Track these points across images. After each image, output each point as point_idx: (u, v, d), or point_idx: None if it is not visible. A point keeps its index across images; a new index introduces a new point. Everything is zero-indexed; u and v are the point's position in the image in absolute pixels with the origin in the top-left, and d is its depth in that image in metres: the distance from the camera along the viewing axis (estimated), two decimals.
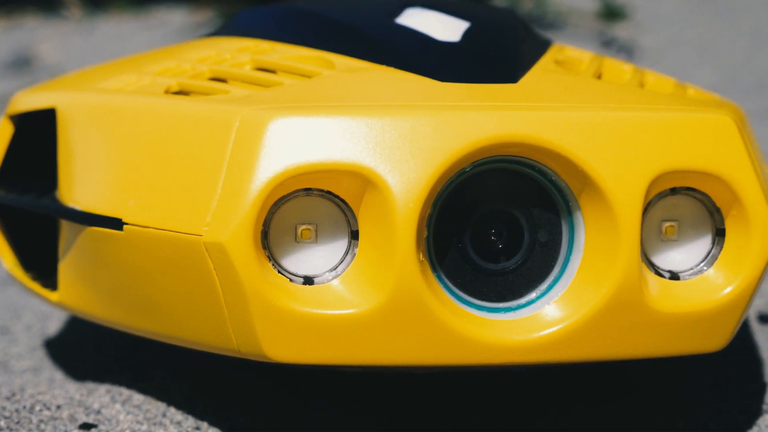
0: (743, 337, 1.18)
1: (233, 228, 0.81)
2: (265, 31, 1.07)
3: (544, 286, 0.87)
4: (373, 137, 0.82)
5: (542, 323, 0.85)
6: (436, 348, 0.83)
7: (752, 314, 1.26)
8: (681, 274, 0.88)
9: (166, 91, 0.94)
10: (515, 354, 0.84)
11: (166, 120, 0.89)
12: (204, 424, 0.98)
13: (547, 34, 2.64)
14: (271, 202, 0.82)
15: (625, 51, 2.68)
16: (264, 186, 0.81)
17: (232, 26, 1.14)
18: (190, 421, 0.98)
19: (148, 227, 0.87)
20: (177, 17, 3.15)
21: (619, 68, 1.04)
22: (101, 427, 0.97)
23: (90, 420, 0.98)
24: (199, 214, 0.83)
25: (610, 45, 2.72)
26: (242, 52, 1.01)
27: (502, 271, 0.87)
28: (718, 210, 0.88)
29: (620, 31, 2.84)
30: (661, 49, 2.70)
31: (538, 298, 0.86)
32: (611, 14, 2.86)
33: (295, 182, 0.82)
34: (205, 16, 3.05)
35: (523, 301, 0.87)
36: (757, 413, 1.01)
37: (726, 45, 2.70)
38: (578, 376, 1.08)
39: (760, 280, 0.88)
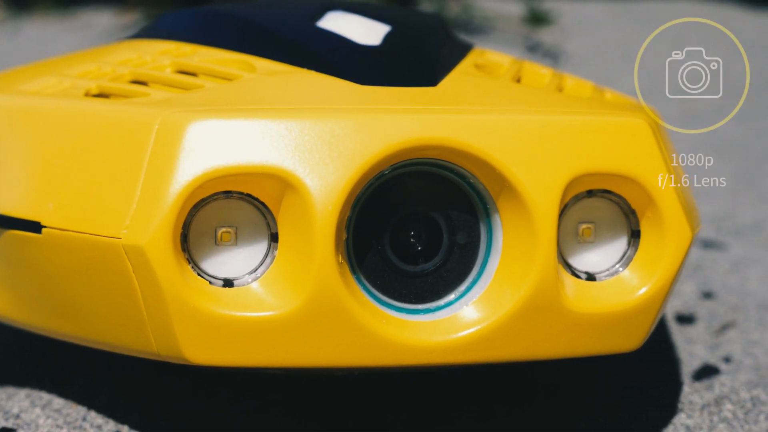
0: (661, 338, 1.20)
1: (152, 231, 0.81)
2: (187, 34, 1.07)
3: (462, 288, 0.87)
4: (292, 140, 0.82)
5: (461, 324, 0.85)
6: (356, 349, 0.83)
7: (670, 315, 1.28)
8: (597, 275, 0.90)
9: (86, 94, 0.94)
10: (434, 355, 0.85)
11: (85, 123, 0.89)
12: (125, 428, 0.98)
13: (474, 39, 2.66)
14: (191, 205, 0.82)
15: (551, 56, 2.71)
16: (183, 189, 0.81)
17: (154, 29, 1.14)
18: (110, 425, 0.98)
19: (67, 230, 0.86)
20: (103, 19, 3.13)
21: (538, 72, 1.05)
22: (20, 431, 0.96)
23: (9, 425, 0.97)
24: (118, 217, 0.83)
25: (535, 50, 2.75)
26: (163, 55, 1.01)
27: (421, 273, 0.87)
28: (633, 212, 0.89)
29: (546, 36, 2.87)
30: (585, 54, 2.73)
31: (456, 299, 0.87)
32: (537, 19, 2.88)
33: (215, 185, 0.83)
34: (132, 18, 3.04)
35: (441, 302, 0.87)
36: (673, 411, 1.03)
37: (647, 51, 2.74)
38: (500, 376, 1.09)
39: (674, 281, 0.89)
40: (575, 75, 1.18)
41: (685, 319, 1.27)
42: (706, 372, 1.11)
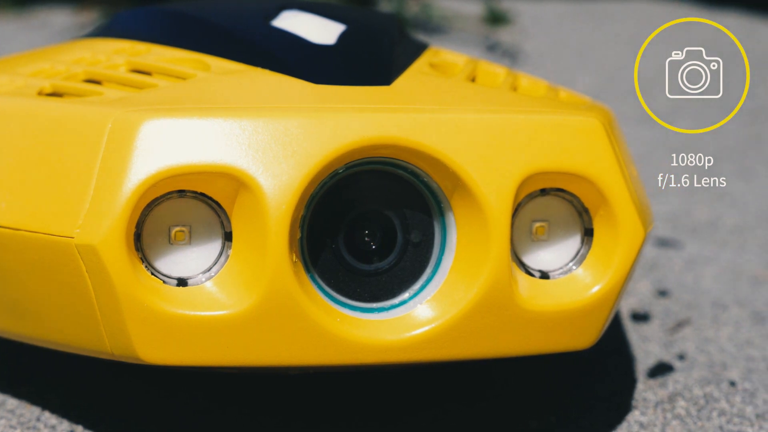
0: (616, 335, 1.20)
1: (105, 230, 0.81)
2: (142, 32, 1.07)
3: (416, 286, 0.88)
4: (246, 139, 0.82)
5: (415, 323, 0.86)
6: (310, 348, 0.84)
7: (626, 313, 1.29)
8: (551, 274, 0.90)
9: (39, 93, 0.93)
10: (388, 353, 0.85)
11: (38, 122, 0.89)
12: (79, 428, 0.97)
13: (433, 39, 2.66)
14: (144, 204, 0.82)
15: (509, 55, 2.71)
16: (136, 188, 0.81)
17: (109, 28, 1.14)
18: (64, 425, 0.97)
19: (20, 230, 0.86)
20: (60, 18, 3.11)
21: (492, 71, 1.05)
22: None
23: None
24: (71, 217, 0.83)
25: (494, 49, 2.75)
26: (118, 54, 1.01)
27: (376, 271, 0.88)
28: (586, 210, 0.90)
29: (504, 35, 2.88)
30: (543, 54, 2.74)
31: (410, 298, 0.87)
32: (495, 19, 2.89)
33: (168, 184, 0.82)
34: (90, 17, 3.02)
35: (396, 301, 0.87)
36: (627, 409, 1.03)
37: (605, 51, 2.75)
38: (453, 375, 1.09)
39: (627, 279, 0.90)
40: (533, 74, 1.19)
41: (640, 317, 1.27)
42: (661, 369, 1.12)
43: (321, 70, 0.93)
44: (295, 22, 1.00)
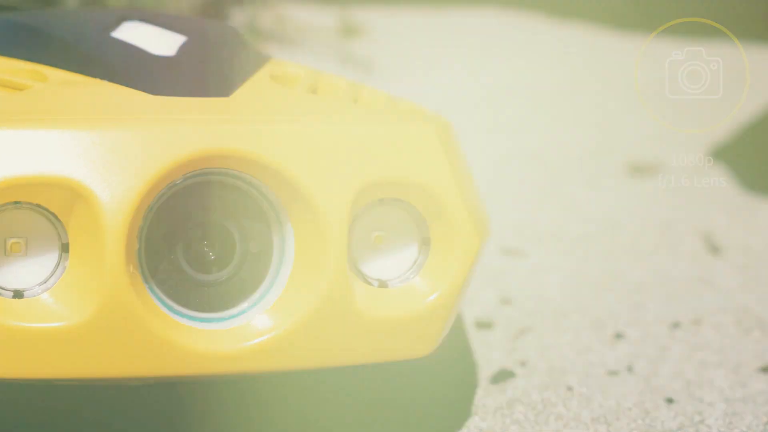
0: (459, 343, 1.22)
1: None
2: None
3: (255, 296, 0.88)
4: (82, 150, 0.82)
5: (253, 333, 0.86)
6: (148, 359, 0.84)
7: (470, 321, 1.31)
8: (389, 282, 0.91)
9: None
10: (227, 363, 0.85)
11: None
12: None
13: (288, 51, 2.67)
14: None
15: (364, 67, 2.74)
16: None
17: None
18: None
19: None
20: None
21: (334, 83, 1.07)
22: None
23: None
24: None
25: (348, 61, 2.77)
26: None
27: (215, 281, 0.88)
28: (423, 220, 0.92)
29: (359, 47, 2.90)
30: (396, 66, 2.76)
31: (249, 307, 0.88)
32: (349, 31, 2.91)
33: (3, 195, 0.82)
34: None
35: (235, 311, 0.88)
36: (467, 414, 1.05)
37: (456, 62, 2.79)
38: (296, 383, 1.10)
39: (463, 287, 0.92)
40: (386, 87, 1.20)
41: (483, 325, 1.30)
42: (503, 376, 1.14)
43: (159, 81, 0.93)
44: (134, 34, 1.00)
